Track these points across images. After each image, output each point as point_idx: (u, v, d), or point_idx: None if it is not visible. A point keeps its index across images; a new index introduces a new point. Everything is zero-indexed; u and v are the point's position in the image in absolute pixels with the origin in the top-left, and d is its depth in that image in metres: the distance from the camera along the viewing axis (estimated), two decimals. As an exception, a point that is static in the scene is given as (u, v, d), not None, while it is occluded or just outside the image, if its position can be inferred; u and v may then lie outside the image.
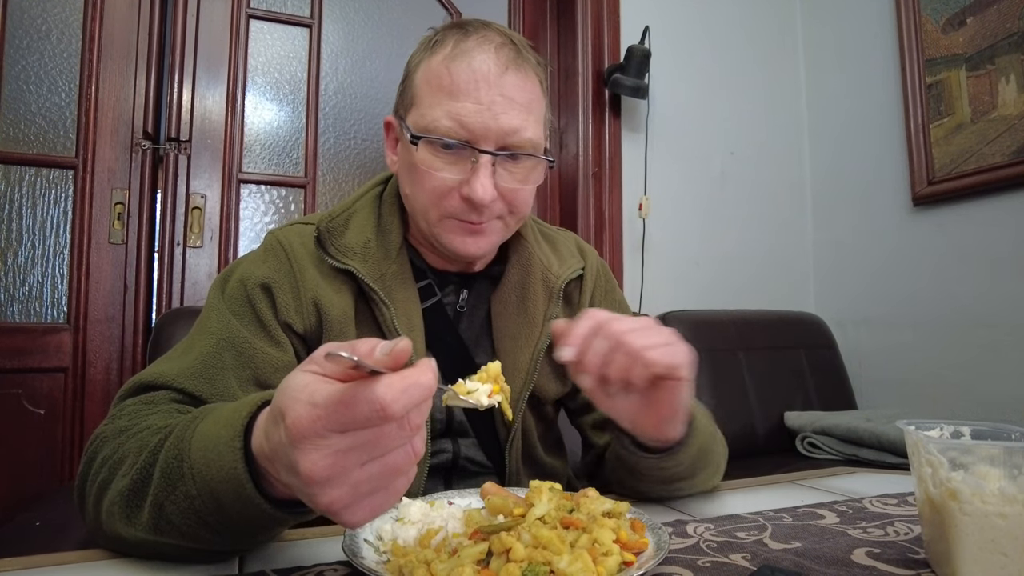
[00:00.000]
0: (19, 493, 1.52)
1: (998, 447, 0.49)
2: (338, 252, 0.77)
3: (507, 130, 0.71)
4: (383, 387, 0.37)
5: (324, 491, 0.39)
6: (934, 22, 1.95)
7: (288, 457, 0.40)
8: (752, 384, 1.96)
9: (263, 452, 0.45)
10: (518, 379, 0.81)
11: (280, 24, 1.92)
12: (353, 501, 0.40)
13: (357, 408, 0.37)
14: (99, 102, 1.68)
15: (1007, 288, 1.77)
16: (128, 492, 0.53)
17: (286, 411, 0.39)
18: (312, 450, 0.38)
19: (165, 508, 0.50)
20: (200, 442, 0.49)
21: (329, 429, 0.38)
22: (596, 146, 2.12)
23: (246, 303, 0.74)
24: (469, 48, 0.71)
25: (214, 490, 0.48)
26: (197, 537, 0.51)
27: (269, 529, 0.51)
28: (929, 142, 1.96)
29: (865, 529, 0.63)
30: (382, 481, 0.41)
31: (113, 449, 0.58)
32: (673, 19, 2.24)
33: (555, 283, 0.84)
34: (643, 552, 0.52)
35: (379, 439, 0.39)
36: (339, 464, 0.39)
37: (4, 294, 1.61)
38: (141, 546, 0.55)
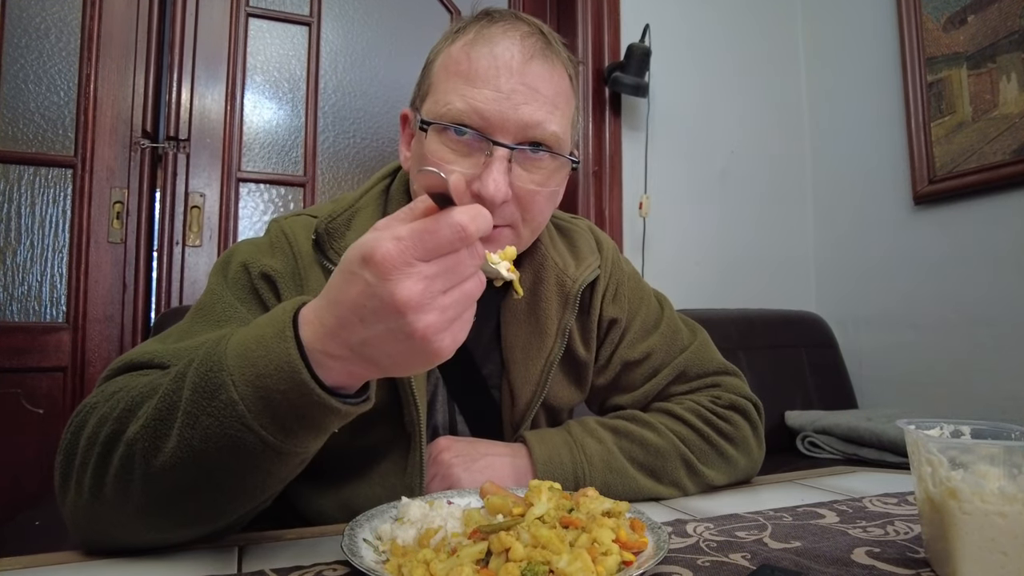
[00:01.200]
0: (18, 493, 1.52)
1: (998, 446, 0.49)
2: (337, 256, 0.71)
3: (528, 122, 0.65)
4: (459, 212, 0.42)
5: (420, 316, 0.42)
6: (935, 20, 1.95)
7: (377, 296, 0.42)
8: (753, 383, 1.92)
9: (323, 329, 0.45)
10: (527, 391, 0.78)
11: (279, 22, 1.91)
12: (442, 326, 0.43)
13: (441, 232, 0.41)
14: (98, 101, 1.68)
15: (1008, 287, 1.76)
16: (153, 423, 0.49)
17: (374, 249, 0.41)
18: (404, 278, 0.41)
19: (200, 423, 0.47)
20: (239, 348, 0.48)
21: (417, 256, 0.41)
22: (596, 145, 2.11)
23: (251, 290, 0.71)
24: (493, 35, 0.66)
25: (261, 387, 0.46)
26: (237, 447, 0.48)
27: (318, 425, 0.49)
28: (930, 141, 1.96)
29: (865, 528, 0.63)
30: (461, 307, 0.44)
31: (112, 406, 0.54)
32: (673, 17, 2.24)
33: (571, 288, 0.79)
34: (643, 552, 0.51)
35: (458, 265, 0.43)
36: (429, 289, 0.42)
37: (3, 293, 1.60)
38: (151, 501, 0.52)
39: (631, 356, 0.84)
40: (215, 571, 0.53)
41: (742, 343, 2.00)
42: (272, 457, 0.50)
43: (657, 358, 0.85)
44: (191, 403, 0.48)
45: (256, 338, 0.47)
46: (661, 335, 0.86)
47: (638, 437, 0.76)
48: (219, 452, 0.48)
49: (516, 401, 0.79)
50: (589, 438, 0.75)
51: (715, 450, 0.79)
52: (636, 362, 0.84)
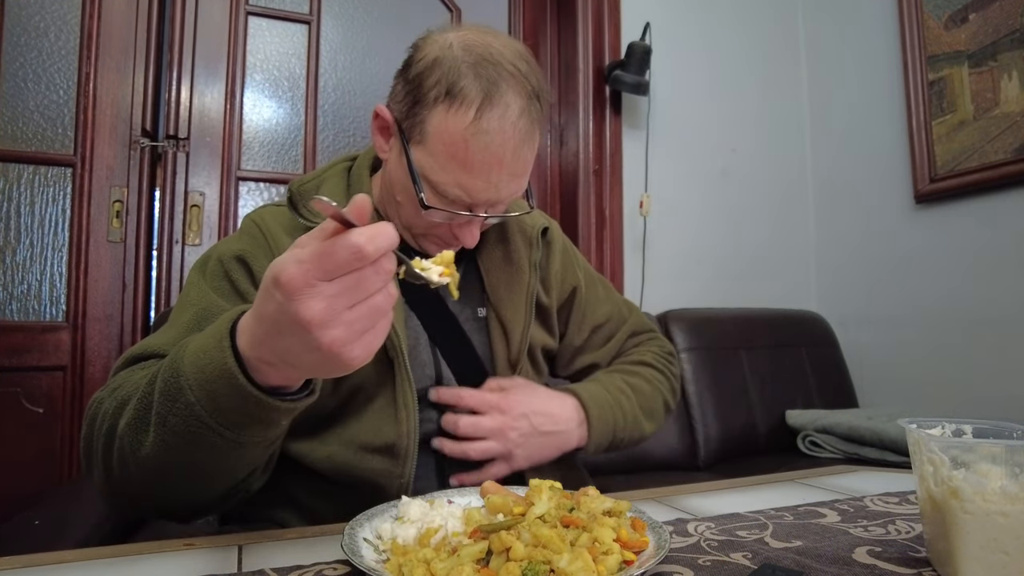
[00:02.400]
0: (18, 492, 1.52)
1: (1000, 445, 0.49)
2: (310, 213, 0.82)
3: (503, 198, 0.78)
4: (355, 233, 0.44)
5: (324, 332, 0.45)
6: (936, 18, 1.95)
7: (287, 314, 0.45)
8: (753, 382, 1.95)
9: (253, 339, 0.50)
10: (519, 322, 0.89)
11: (279, 21, 1.91)
12: (350, 339, 0.46)
13: (337, 254, 0.44)
14: (97, 99, 1.67)
15: (1009, 286, 1.76)
16: (134, 421, 0.58)
17: (279, 275, 0.45)
18: (307, 298, 0.45)
19: (169, 422, 0.55)
20: (191, 356, 0.54)
21: (317, 278, 0.44)
22: (597, 143, 2.11)
23: (224, 277, 0.78)
24: (491, 129, 0.72)
25: (210, 391, 0.52)
26: (201, 442, 0.55)
27: (264, 420, 0.55)
28: (931, 139, 1.95)
29: (866, 528, 0.62)
30: (370, 320, 0.47)
31: (112, 402, 0.63)
32: (674, 15, 2.23)
33: (531, 232, 0.92)
34: (643, 551, 0.51)
35: (360, 283, 0.46)
36: (332, 307, 0.45)
37: (3, 292, 1.60)
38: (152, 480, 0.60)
39: (596, 320, 1.02)
40: (215, 570, 0.53)
41: (743, 342, 2.00)
42: (234, 447, 0.56)
43: (614, 322, 1.04)
44: (160, 404, 0.55)
45: (203, 348, 0.54)
46: (612, 303, 1.05)
47: (640, 389, 0.95)
48: (188, 445, 0.55)
49: (510, 336, 0.89)
50: (623, 397, 0.92)
51: (671, 386, 1.02)
52: (600, 325, 1.02)
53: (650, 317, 1.97)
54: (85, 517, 1.04)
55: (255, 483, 0.69)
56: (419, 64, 0.75)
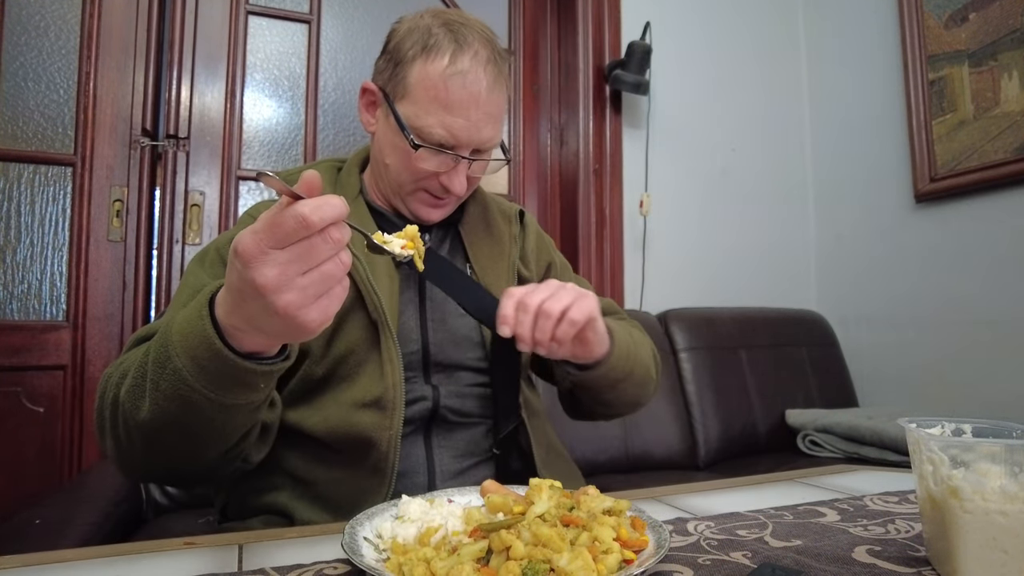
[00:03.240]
0: (18, 491, 1.52)
1: (999, 445, 0.49)
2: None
3: (484, 140, 0.85)
4: (300, 204, 0.48)
5: (279, 296, 0.49)
6: (936, 18, 1.95)
7: (245, 281, 0.49)
8: (753, 382, 1.96)
9: (226, 309, 0.55)
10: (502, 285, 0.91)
11: (279, 20, 1.91)
12: (304, 303, 0.50)
13: (285, 223, 0.48)
14: (97, 99, 1.67)
15: (1009, 285, 1.76)
16: (132, 388, 0.63)
17: (236, 244, 0.49)
18: (260, 265, 0.48)
19: (160, 386, 0.59)
20: (177, 326, 0.59)
21: (269, 246, 0.48)
22: (597, 143, 2.11)
23: (221, 264, 0.83)
24: (464, 69, 0.82)
25: (193, 356, 0.57)
26: (190, 403, 0.59)
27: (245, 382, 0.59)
28: (931, 139, 1.95)
29: (866, 527, 0.63)
30: (323, 285, 0.51)
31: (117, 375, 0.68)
32: (674, 15, 2.23)
33: (509, 211, 1.00)
34: (643, 550, 0.51)
35: (310, 250, 0.49)
36: (284, 273, 0.49)
37: (3, 292, 1.60)
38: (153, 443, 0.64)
39: None
40: (216, 569, 0.53)
41: (743, 342, 2.00)
42: (220, 408, 0.60)
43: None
44: (153, 371, 0.60)
45: (187, 317, 0.58)
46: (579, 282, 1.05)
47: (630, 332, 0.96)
48: (179, 408, 0.60)
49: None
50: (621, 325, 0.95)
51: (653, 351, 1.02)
52: None
53: (650, 316, 1.97)
54: (86, 516, 1.04)
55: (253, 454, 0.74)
56: (396, 36, 0.86)
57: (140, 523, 1.25)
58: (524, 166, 2.20)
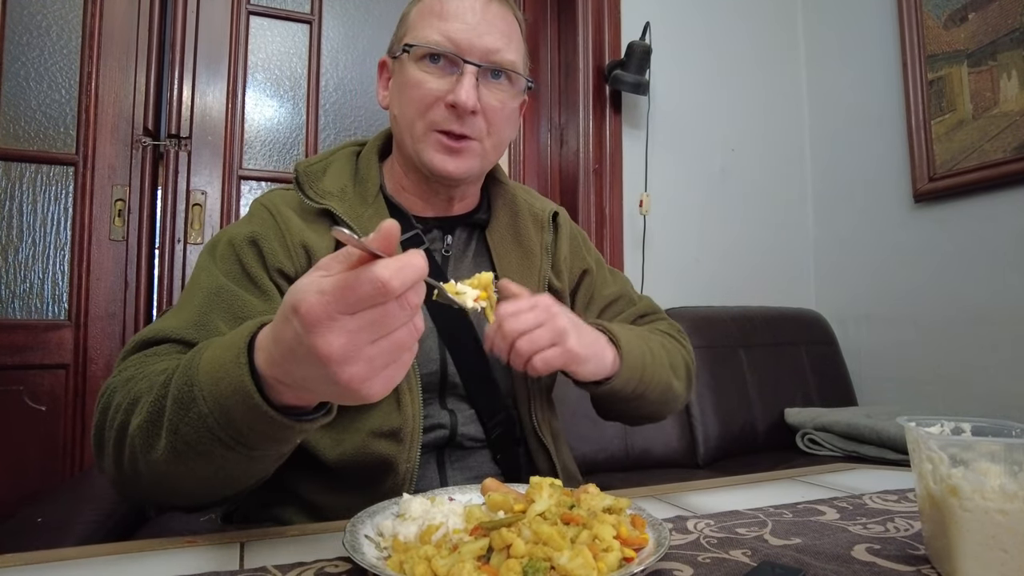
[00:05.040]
0: (20, 489, 1.52)
1: (999, 443, 0.49)
2: (316, 194, 0.82)
3: (490, 48, 0.79)
4: (380, 266, 0.42)
5: (343, 368, 0.43)
6: (935, 18, 1.95)
7: (304, 345, 0.43)
8: (753, 381, 1.96)
9: (271, 359, 0.48)
10: None
11: (280, 20, 1.91)
12: (369, 375, 0.45)
13: (360, 288, 0.41)
14: (99, 99, 1.68)
15: (1008, 284, 1.76)
16: (146, 424, 0.57)
17: (298, 304, 0.43)
18: (327, 332, 0.42)
19: (180, 431, 0.54)
20: (207, 366, 0.53)
21: (339, 311, 0.42)
22: (597, 142, 2.11)
23: (235, 260, 0.78)
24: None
25: (224, 405, 0.51)
26: (211, 454, 0.54)
27: (278, 439, 0.54)
28: (930, 138, 1.95)
29: (865, 525, 0.63)
30: (392, 356, 0.45)
31: (124, 395, 0.62)
32: (674, 15, 2.23)
33: (542, 215, 0.93)
34: (643, 548, 0.52)
35: (384, 318, 0.43)
36: (352, 343, 0.43)
37: (5, 291, 1.61)
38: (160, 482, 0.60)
39: (605, 300, 1.00)
40: (217, 567, 0.53)
41: (742, 341, 2.00)
42: (245, 461, 0.56)
43: (624, 299, 1.03)
44: (173, 412, 0.54)
45: (220, 360, 0.52)
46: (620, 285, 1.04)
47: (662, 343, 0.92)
48: (199, 456, 0.54)
49: None
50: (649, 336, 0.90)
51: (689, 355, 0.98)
52: (609, 304, 1.01)
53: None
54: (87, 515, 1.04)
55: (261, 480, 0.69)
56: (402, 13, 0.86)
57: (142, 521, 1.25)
58: (524, 166, 2.20)
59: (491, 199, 0.94)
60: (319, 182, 0.84)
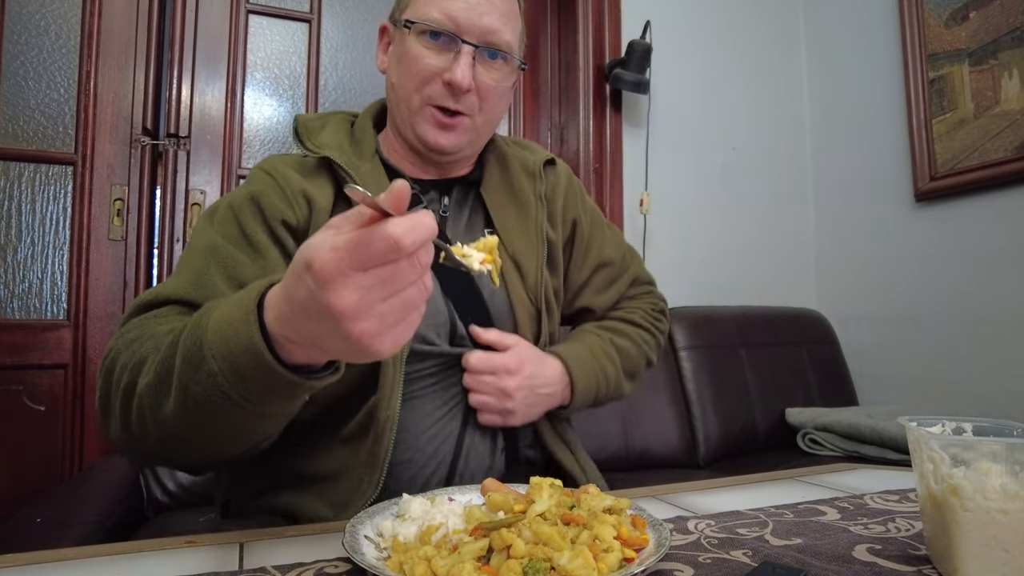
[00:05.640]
0: (19, 489, 1.52)
1: (1000, 443, 0.49)
2: (314, 145, 0.85)
3: (488, 28, 0.81)
4: (393, 224, 0.42)
5: (355, 323, 0.44)
6: (936, 16, 1.95)
7: (318, 302, 0.44)
8: (753, 380, 1.96)
9: (281, 317, 0.49)
10: (531, 256, 0.89)
11: (279, 19, 1.91)
12: (380, 332, 0.45)
13: (374, 245, 0.42)
14: (98, 98, 1.67)
15: (1009, 284, 1.76)
16: (155, 383, 0.57)
17: (312, 260, 0.44)
18: (340, 287, 0.43)
19: (191, 389, 0.54)
20: (216, 325, 0.53)
21: (352, 267, 0.43)
22: (597, 142, 2.11)
23: (233, 222, 0.79)
24: None
25: (234, 364, 0.52)
26: (221, 411, 0.55)
27: (287, 396, 0.55)
28: (931, 137, 1.95)
29: (866, 525, 0.63)
30: (402, 313, 0.46)
31: (130, 356, 0.62)
32: (674, 14, 2.23)
33: (533, 166, 0.94)
34: (644, 548, 0.51)
35: (395, 275, 0.44)
36: (365, 299, 0.44)
37: (4, 290, 1.60)
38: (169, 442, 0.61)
39: (602, 259, 1.01)
40: (217, 568, 0.53)
41: (743, 340, 2.00)
42: (255, 418, 0.57)
43: (617, 266, 1.04)
44: (182, 370, 0.55)
45: (229, 319, 0.53)
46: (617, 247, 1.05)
47: (626, 351, 0.97)
48: (209, 414, 0.55)
49: (524, 271, 0.90)
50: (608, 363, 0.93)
51: (656, 342, 1.04)
52: (604, 264, 1.02)
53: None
54: (87, 515, 1.04)
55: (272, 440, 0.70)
56: None
57: (141, 521, 1.26)
58: (524, 165, 2.20)
59: (483, 157, 0.96)
60: (317, 136, 0.87)
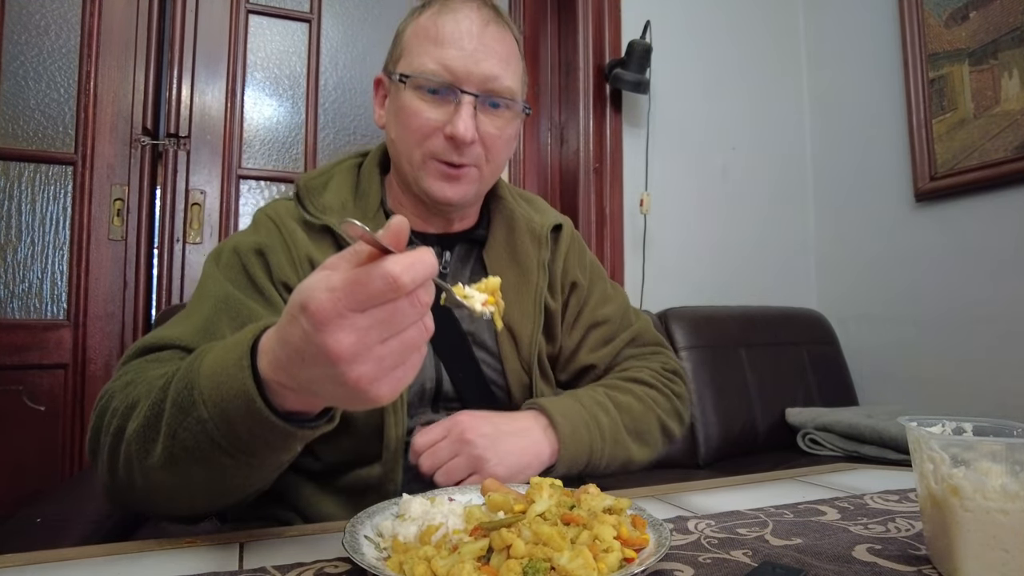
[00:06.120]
0: (19, 489, 1.52)
1: (1000, 443, 0.49)
2: (316, 210, 0.81)
3: (488, 75, 0.77)
4: (391, 262, 0.41)
5: (352, 367, 0.42)
6: (936, 16, 1.95)
7: (313, 344, 0.42)
8: (753, 380, 1.96)
9: (275, 362, 0.47)
10: (527, 325, 0.86)
11: (279, 19, 1.91)
12: (379, 376, 0.43)
13: (372, 284, 0.40)
14: (98, 98, 1.67)
15: (1009, 284, 1.76)
16: (143, 429, 0.55)
17: (307, 301, 0.42)
18: (337, 330, 0.41)
19: (179, 436, 0.52)
20: (208, 369, 0.51)
21: (349, 308, 0.41)
22: (597, 142, 2.11)
23: (240, 269, 0.77)
24: (455, 7, 0.79)
25: (225, 410, 0.50)
26: (210, 460, 0.53)
27: (279, 446, 0.53)
28: (931, 137, 1.95)
29: (866, 525, 0.63)
30: (402, 356, 0.44)
31: (122, 399, 0.60)
32: (674, 14, 2.23)
33: (540, 231, 0.90)
34: (644, 548, 0.51)
35: (394, 316, 0.42)
36: (362, 341, 0.42)
37: (4, 291, 1.60)
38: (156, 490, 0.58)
39: (594, 318, 0.95)
40: (217, 568, 0.53)
41: (743, 340, 2.00)
42: (245, 468, 0.55)
43: (615, 323, 0.97)
44: (171, 416, 0.53)
45: (222, 363, 0.50)
46: (618, 305, 0.99)
47: (626, 406, 0.85)
48: (197, 462, 0.53)
49: (519, 340, 0.86)
50: (600, 411, 0.82)
51: (672, 407, 0.92)
52: (598, 324, 0.95)
53: (651, 315, 1.97)
54: (86, 515, 1.04)
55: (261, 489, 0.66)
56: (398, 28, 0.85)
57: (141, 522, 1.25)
58: (524, 165, 2.20)
59: (490, 214, 0.92)
60: (320, 197, 0.83)
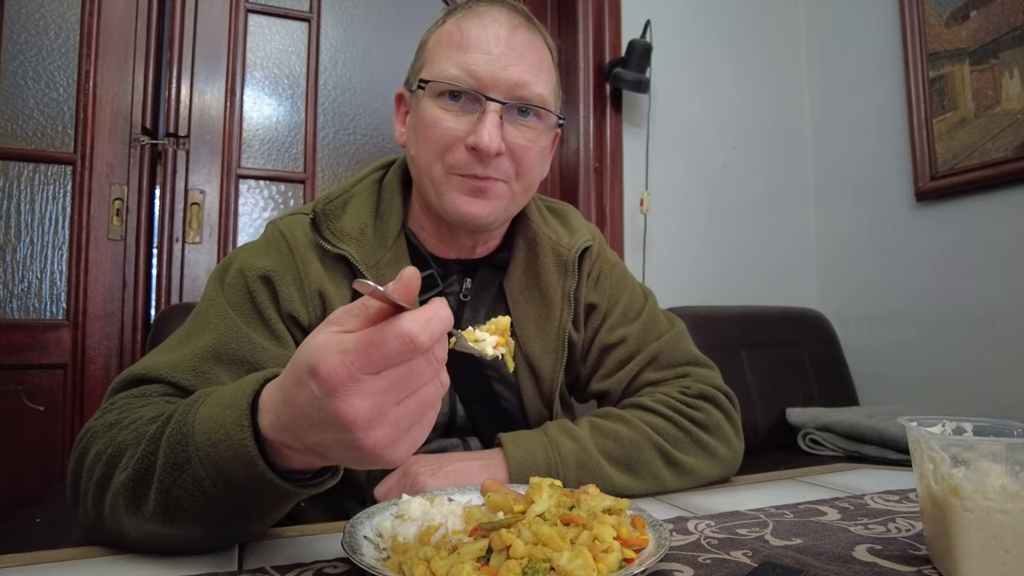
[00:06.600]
0: (19, 489, 1.52)
1: (1000, 443, 0.49)
2: (333, 236, 0.76)
3: (517, 82, 0.71)
4: (408, 320, 0.38)
5: (368, 434, 0.40)
6: (937, 16, 1.94)
7: (324, 410, 0.40)
8: (754, 380, 1.95)
9: (278, 423, 0.45)
10: (548, 361, 0.81)
11: (279, 18, 1.91)
12: (395, 439, 0.41)
13: (387, 345, 0.38)
14: (97, 97, 1.67)
15: (1010, 283, 1.76)
16: (132, 482, 0.52)
17: (317, 365, 0.39)
18: (351, 395, 0.39)
19: (172, 493, 0.50)
20: (204, 424, 0.49)
21: (364, 371, 0.39)
22: (597, 141, 2.11)
23: (246, 295, 0.72)
24: (481, 11, 0.73)
25: (223, 470, 0.47)
26: (207, 518, 0.50)
27: (280, 504, 0.51)
28: (932, 137, 1.95)
29: (867, 525, 0.62)
30: (417, 415, 0.42)
31: (106, 443, 0.57)
32: (674, 13, 2.23)
33: (567, 255, 0.83)
34: (644, 549, 0.51)
35: (410, 375, 0.40)
36: (378, 405, 0.39)
37: (3, 290, 1.60)
38: (147, 539, 0.55)
39: (608, 340, 0.87)
40: (216, 568, 0.53)
41: (743, 340, 2.00)
42: (242, 522, 0.53)
43: (632, 344, 0.87)
44: (164, 472, 0.50)
45: (219, 419, 0.48)
46: (641, 323, 0.88)
47: (611, 432, 0.76)
48: (192, 518, 0.51)
49: (539, 375, 0.81)
50: (564, 437, 0.74)
51: (690, 438, 0.79)
52: (612, 346, 0.87)
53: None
54: (86, 515, 1.04)
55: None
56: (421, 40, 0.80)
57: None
58: (524, 164, 2.20)
59: (513, 235, 0.85)
60: (337, 222, 0.77)
